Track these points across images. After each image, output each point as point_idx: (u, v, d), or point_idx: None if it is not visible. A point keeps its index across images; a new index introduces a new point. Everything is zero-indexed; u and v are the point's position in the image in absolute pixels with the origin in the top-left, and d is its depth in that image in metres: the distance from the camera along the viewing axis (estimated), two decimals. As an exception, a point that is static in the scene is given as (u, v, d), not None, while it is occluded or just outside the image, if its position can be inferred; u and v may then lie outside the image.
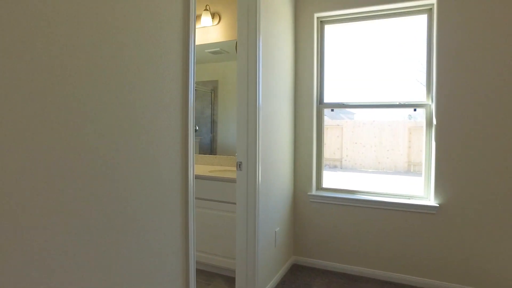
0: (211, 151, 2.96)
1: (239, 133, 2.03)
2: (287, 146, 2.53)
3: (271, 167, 2.22)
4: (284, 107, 2.46)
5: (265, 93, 2.12)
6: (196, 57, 2.99)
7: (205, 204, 2.48)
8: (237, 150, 2.03)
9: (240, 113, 2.03)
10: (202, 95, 2.96)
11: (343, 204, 2.54)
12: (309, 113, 2.65)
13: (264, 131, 2.10)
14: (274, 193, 2.32)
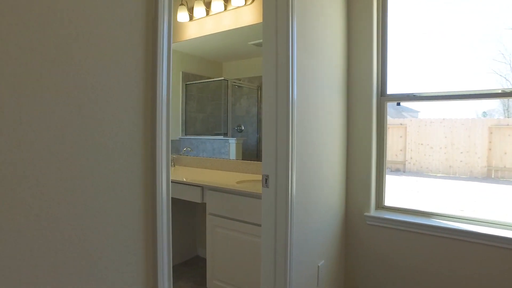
0: (257, 153, 2.49)
1: (265, 137, 1.48)
2: (335, 152, 1.92)
3: (310, 180, 1.64)
4: (332, 101, 1.85)
5: (303, 83, 1.54)
6: (238, 52, 2.45)
7: (229, 224, 1.97)
8: (263, 159, 1.48)
9: (267, 111, 1.48)
10: (248, 92, 2.51)
11: (414, 231, 1.85)
12: (366, 108, 2.00)
13: (301, 134, 1.52)
14: (316, 215, 1.72)
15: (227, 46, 2.55)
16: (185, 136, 2.73)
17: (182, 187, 2.24)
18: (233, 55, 2.50)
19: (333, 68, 1.86)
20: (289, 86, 1.42)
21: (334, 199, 1.93)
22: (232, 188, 1.93)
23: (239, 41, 2.51)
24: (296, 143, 1.46)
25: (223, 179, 2.30)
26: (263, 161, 1.47)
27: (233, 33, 2.58)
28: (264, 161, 1.47)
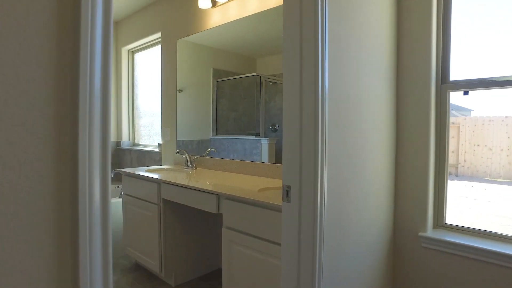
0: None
1: (286, 138, 1.13)
2: (381, 156, 1.51)
3: (348, 191, 1.25)
4: (377, 91, 1.44)
5: (337, 66, 1.16)
6: (273, 46, 2.19)
7: (247, 240, 1.63)
8: (283, 166, 1.12)
9: (287, 105, 1.12)
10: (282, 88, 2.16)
11: (489, 261, 1.39)
12: (422, 99, 1.57)
13: (335, 133, 1.14)
14: (355, 235, 1.33)
15: (260, 40, 2.30)
16: (216, 136, 2.54)
17: (196, 194, 1.94)
18: (267, 49, 2.26)
19: (378, 48, 1.45)
20: (318, 70, 1.05)
21: (379, 214, 1.52)
22: (250, 198, 1.59)
23: (272, 34, 2.24)
24: (328, 145, 1.08)
25: (246, 185, 1.97)
26: (283, 168, 1.11)
27: (263, 21, 2.25)
28: (284, 168, 1.11)
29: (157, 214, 2.29)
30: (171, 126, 3.15)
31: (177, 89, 2.92)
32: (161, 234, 2.28)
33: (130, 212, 2.60)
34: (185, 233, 2.40)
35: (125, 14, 3.81)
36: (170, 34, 3.13)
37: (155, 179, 2.26)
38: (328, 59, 1.10)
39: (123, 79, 4.00)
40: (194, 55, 2.77)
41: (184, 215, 2.40)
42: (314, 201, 1.06)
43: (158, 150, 3.36)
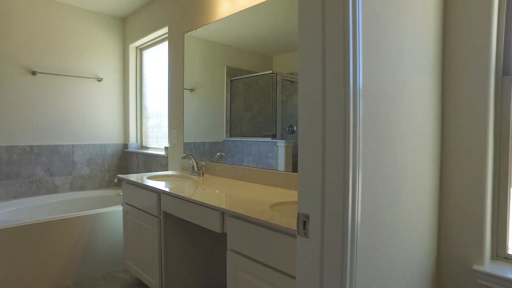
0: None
1: (302, 150, 0.83)
2: (423, 164, 1.18)
3: (381, 218, 0.94)
4: (418, 82, 1.12)
5: (375, 54, 0.85)
6: (290, 42, 1.95)
7: (255, 268, 1.33)
8: (299, 190, 0.82)
9: (305, 105, 0.82)
10: None
11: None
12: (477, 93, 1.23)
13: (369, 140, 0.83)
14: (391, 276, 1.01)
15: (275, 36, 2.08)
16: (229, 137, 2.37)
17: (197, 208, 1.67)
18: (284, 46, 2.05)
19: (421, 29, 1.13)
20: (348, 56, 0.75)
21: (422, 242, 1.19)
22: (259, 219, 1.29)
23: (288, 28, 2.01)
24: (361, 157, 0.77)
25: (257, 197, 1.68)
26: (298, 191, 0.81)
27: (277, 10, 1.96)
28: (300, 190, 0.81)
29: (157, 227, 2.03)
30: (178, 128, 2.90)
31: (189, 88, 2.71)
32: (162, 251, 2.02)
33: (130, 223, 2.36)
34: (188, 250, 2.13)
35: (132, 10, 3.59)
36: (177, 28, 2.89)
37: (154, 189, 2.00)
38: (362, 40, 0.79)
39: (130, 77, 3.79)
40: (207, 52, 2.55)
41: (187, 230, 2.13)
42: (343, 236, 0.75)
43: (165, 154, 3.12)
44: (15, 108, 3.15)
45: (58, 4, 3.36)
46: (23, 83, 3.18)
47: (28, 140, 3.23)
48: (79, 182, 3.55)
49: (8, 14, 3.09)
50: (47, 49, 3.31)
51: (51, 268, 2.47)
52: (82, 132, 3.55)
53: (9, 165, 3.14)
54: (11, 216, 2.97)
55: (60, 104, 3.40)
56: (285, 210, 1.60)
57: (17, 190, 3.19)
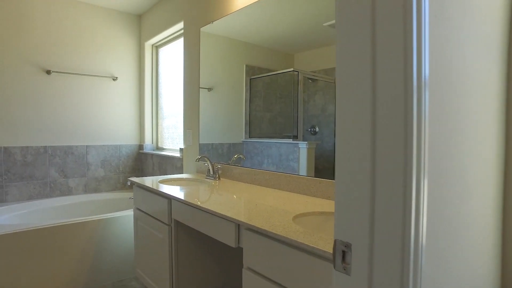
0: (335, 161, 1.62)
1: (341, 155, 0.61)
2: (490, 170, 0.94)
3: (452, 247, 0.71)
4: (488, 74, 0.88)
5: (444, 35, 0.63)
6: (312, 38, 1.81)
7: (276, 294, 1.13)
8: (336, 207, 0.61)
9: (345, 99, 0.61)
10: (324, 87, 1.95)
11: None
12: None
13: (436, 144, 0.61)
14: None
15: (297, 32, 1.97)
16: (248, 139, 2.27)
17: (209, 218, 1.48)
18: (306, 43, 1.94)
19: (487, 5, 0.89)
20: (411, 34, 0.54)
21: (483, 268, 0.95)
22: (280, 235, 1.09)
23: (311, 23, 1.90)
24: (427, 169, 0.55)
25: (278, 205, 1.48)
26: (336, 213, 0.60)
27: (298, 3, 1.77)
28: (338, 212, 0.60)
29: (167, 236, 1.85)
30: (194, 129, 2.74)
31: (207, 87, 2.59)
32: (173, 262, 1.84)
33: (141, 230, 2.20)
34: (201, 262, 1.95)
35: (148, 6, 3.47)
36: (192, 22, 2.73)
37: (164, 194, 1.83)
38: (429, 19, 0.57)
39: (146, 76, 3.67)
40: (225, 50, 2.43)
41: (201, 240, 1.95)
42: (402, 274, 0.54)
43: (180, 156, 2.96)
44: (29, 108, 3.08)
45: (74, 2, 3.27)
46: (37, 83, 3.11)
47: (42, 140, 3.16)
48: (93, 184, 3.45)
49: (24, 14, 3.02)
50: (62, 48, 3.23)
51: (60, 275, 2.35)
52: (96, 132, 3.45)
53: (24, 166, 3.07)
54: (23, 219, 2.89)
55: (74, 103, 3.31)
56: (310, 222, 1.39)
57: (31, 191, 3.12)
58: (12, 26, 2.97)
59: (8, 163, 3.00)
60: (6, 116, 2.97)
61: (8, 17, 2.94)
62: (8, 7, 2.94)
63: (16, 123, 3.02)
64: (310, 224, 1.39)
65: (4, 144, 2.98)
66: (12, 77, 2.99)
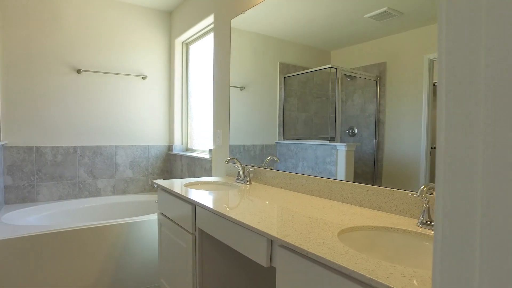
0: (375, 167, 1.60)
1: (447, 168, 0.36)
2: None
3: None
4: None
5: None
6: (351, 32, 1.63)
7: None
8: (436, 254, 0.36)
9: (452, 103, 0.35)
10: (363, 85, 1.81)
11: None
12: None
13: None
14: None
15: (335, 26, 1.83)
16: (282, 140, 2.15)
17: (237, 230, 1.26)
18: (344, 38, 1.80)
19: None
20: None
21: None
22: (326, 258, 0.84)
23: (351, 15, 1.74)
24: None
25: (319, 215, 1.23)
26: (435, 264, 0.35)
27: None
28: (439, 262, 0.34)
29: (191, 246, 1.66)
30: (224, 128, 2.55)
31: (239, 86, 2.44)
32: (196, 277, 1.64)
33: (164, 237, 2.03)
34: (229, 279, 1.73)
35: (178, 1, 3.34)
36: (222, 14, 2.55)
37: (188, 199, 1.63)
38: None
39: (176, 75, 3.54)
40: (258, 48, 2.29)
41: (229, 254, 1.73)
42: None
43: (209, 157, 2.78)
44: (60, 108, 3.04)
45: (105, 0, 3.22)
46: (68, 82, 3.07)
47: (72, 140, 3.11)
48: (121, 185, 3.36)
49: (56, 14, 2.99)
50: (92, 47, 3.17)
51: (83, 279, 2.23)
52: (125, 132, 3.36)
53: (54, 166, 3.04)
54: (51, 220, 2.84)
55: (103, 103, 3.25)
56: (360, 240, 1.12)
57: (61, 191, 3.07)
58: (44, 26, 2.95)
59: (39, 162, 2.97)
60: (38, 116, 2.95)
61: (41, 18, 2.93)
62: (41, 7, 2.93)
63: (47, 122, 2.99)
64: (360, 242, 1.12)
65: (36, 144, 2.95)
66: (44, 77, 2.96)
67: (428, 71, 1.34)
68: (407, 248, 1.08)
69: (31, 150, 2.94)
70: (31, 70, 2.91)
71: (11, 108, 2.84)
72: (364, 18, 1.65)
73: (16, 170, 2.88)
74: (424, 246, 1.04)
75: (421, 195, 1.03)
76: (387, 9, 1.58)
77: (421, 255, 1.04)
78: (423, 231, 1.07)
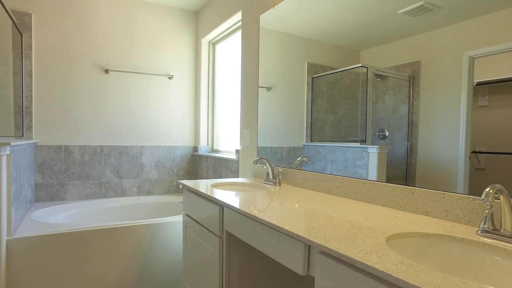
0: (407, 171, 1.48)
1: None
2: None
3: None
4: None
5: None
6: (383, 30, 1.53)
7: None
8: None
9: None
10: (395, 85, 1.71)
11: None
12: None
13: None
14: None
15: (364, 23, 1.75)
16: (310, 142, 2.07)
17: (269, 234, 1.15)
18: (375, 37, 1.71)
19: None
20: None
21: None
22: (377, 269, 0.72)
23: (383, 11, 1.64)
24: None
25: (359, 220, 1.11)
26: None
27: None
28: None
29: (218, 250, 1.57)
30: (252, 128, 2.46)
31: (266, 87, 2.38)
32: (223, 283, 1.55)
33: (189, 239, 1.95)
34: (259, 286, 1.63)
35: (205, 1, 3.30)
36: (251, 10, 2.47)
37: (216, 200, 1.55)
38: None
39: (202, 75, 3.50)
40: (285, 47, 2.23)
41: (259, 259, 1.63)
42: None
43: (236, 158, 2.69)
44: (87, 107, 3.06)
45: (133, 1, 3.23)
46: (96, 82, 3.09)
47: (98, 140, 3.12)
48: (146, 185, 3.34)
49: (85, 15, 3.02)
50: (120, 46, 3.18)
51: (107, 278, 2.20)
52: (151, 132, 3.35)
53: (81, 165, 3.05)
54: (78, 219, 2.84)
55: (130, 102, 3.25)
56: (409, 248, 0.99)
57: (88, 191, 3.08)
58: (75, 28, 2.98)
59: (67, 161, 2.99)
60: (67, 115, 2.98)
61: (71, 19, 2.96)
62: (72, 11, 2.96)
63: (76, 122, 3.02)
64: (410, 250, 0.99)
65: (64, 143, 2.98)
66: (74, 77, 2.99)
67: (467, 69, 1.21)
68: (468, 260, 0.93)
69: (60, 149, 2.96)
70: (62, 71, 2.95)
71: (42, 108, 2.88)
72: (397, 14, 1.54)
73: (46, 168, 2.91)
74: (494, 260, 0.89)
75: (486, 199, 0.89)
76: (423, 3, 1.45)
77: (490, 270, 0.89)
78: (488, 241, 0.92)
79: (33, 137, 2.85)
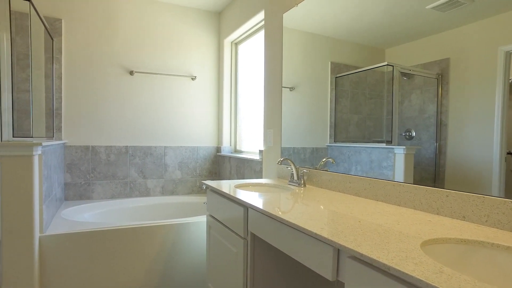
0: (436, 172, 1.40)
1: None
2: None
3: None
4: None
5: None
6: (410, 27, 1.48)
7: None
8: None
9: None
10: (422, 84, 1.63)
11: None
12: None
13: None
14: None
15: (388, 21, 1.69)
16: (334, 143, 2.03)
17: (296, 236, 1.12)
18: (401, 34, 1.64)
19: None
20: None
21: None
22: (415, 277, 0.68)
23: (411, 6, 1.56)
24: None
25: (390, 224, 1.06)
26: None
27: None
28: None
29: (242, 252, 1.55)
30: (275, 128, 2.43)
31: (289, 87, 2.35)
32: (248, 286, 1.53)
33: (213, 240, 1.95)
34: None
35: (227, 2, 3.31)
36: (274, 9, 2.44)
37: (240, 201, 1.53)
38: None
39: (225, 75, 3.50)
40: (308, 47, 2.20)
41: (285, 262, 1.60)
42: None
43: (259, 159, 2.67)
44: (113, 108, 3.13)
45: (157, 2, 3.27)
46: (121, 83, 3.15)
47: (124, 140, 3.18)
48: (170, 186, 3.38)
49: (111, 17, 3.09)
50: (145, 48, 3.24)
51: (132, 277, 2.23)
52: (174, 133, 3.38)
53: (107, 165, 3.12)
54: (103, 218, 2.90)
55: (154, 103, 3.29)
56: (446, 255, 0.93)
57: (113, 190, 3.15)
58: (101, 31, 3.05)
59: (94, 161, 3.07)
60: (94, 116, 3.06)
61: (98, 24, 3.04)
62: (98, 15, 3.04)
63: (102, 123, 3.09)
64: (448, 257, 0.93)
65: (91, 143, 3.06)
66: (101, 79, 3.07)
67: (503, 65, 1.12)
68: (514, 269, 0.87)
69: (87, 149, 3.04)
70: (89, 74, 3.03)
71: (71, 109, 2.97)
72: (425, 10, 1.47)
73: (74, 168, 3.00)
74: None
75: (533, 203, 0.82)
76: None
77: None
78: (534, 248, 0.85)
79: (62, 137, 2.94)
